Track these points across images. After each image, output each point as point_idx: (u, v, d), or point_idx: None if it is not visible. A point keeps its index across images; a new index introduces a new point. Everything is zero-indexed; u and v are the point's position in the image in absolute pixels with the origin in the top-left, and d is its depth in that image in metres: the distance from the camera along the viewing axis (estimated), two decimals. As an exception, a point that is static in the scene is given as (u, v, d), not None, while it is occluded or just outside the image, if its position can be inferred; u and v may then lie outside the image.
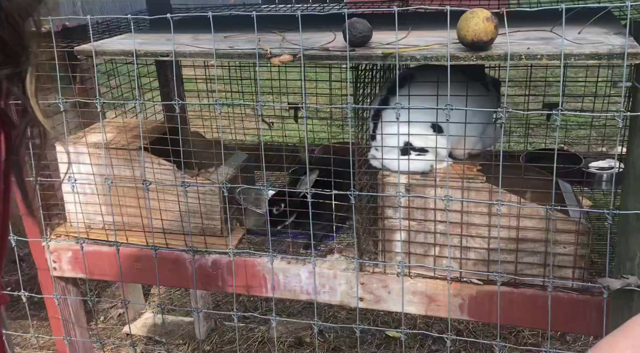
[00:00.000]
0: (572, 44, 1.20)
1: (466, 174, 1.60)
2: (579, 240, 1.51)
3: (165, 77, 2.62)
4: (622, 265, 1.31)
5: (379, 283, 1.72)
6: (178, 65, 2.52)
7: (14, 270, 3.40)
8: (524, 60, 1.19)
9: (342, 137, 2.67)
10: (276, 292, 1.83)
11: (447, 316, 1.70)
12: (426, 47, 1.28)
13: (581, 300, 1.56)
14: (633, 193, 1.24)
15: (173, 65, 2.01)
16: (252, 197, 1.96)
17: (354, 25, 1.30)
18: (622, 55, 1.12)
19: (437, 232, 1.61)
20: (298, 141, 3.00)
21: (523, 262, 1.58)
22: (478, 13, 1.18)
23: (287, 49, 1.38)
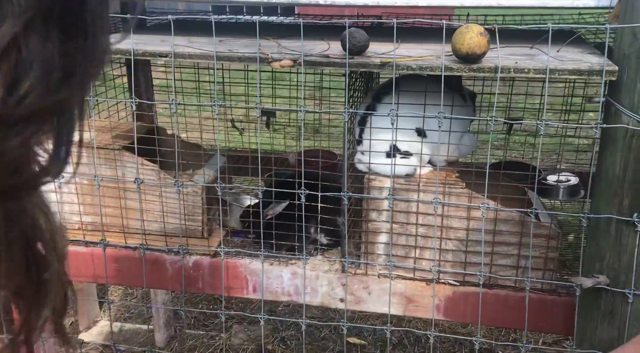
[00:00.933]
0: (555, 60, 1.32)
1: (447, 179, 1.69)
2: (549, 243, 1.62)
3: (137, 80, 2.61)
4: (592, 266, 1.42)
5: (360, 284, 1.78)
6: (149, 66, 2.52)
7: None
8: (512, 74, 1.29)
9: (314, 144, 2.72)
10: (257, 293, 1.86)
11: (425, 316, 1.78)
12: (421, 57, 1.37)
13: (550, 300, 1.67)
14: (605, 198, 1.36)
15: (173, 66, 2.02)
16: (234, 196, 1.98)
17: (353, 35, 1.37)
18: (600, 72, 1.24)
19: (419, 234, 1.69)
20: (270, 149, 3.04)
21: (497, 264, 1.68)
22: (473, 28, 1.27)
23: (286, 54, 1.43)
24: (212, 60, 1.42)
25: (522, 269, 1.67)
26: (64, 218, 1.94)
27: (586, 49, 1.46)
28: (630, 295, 1.35)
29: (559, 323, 1.67)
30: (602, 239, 1.38)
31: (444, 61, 1.32)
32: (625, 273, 1.36)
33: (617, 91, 1.29)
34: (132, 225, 1.91)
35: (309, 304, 1.87)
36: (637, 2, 1.22)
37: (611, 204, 1.34)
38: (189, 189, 1.87)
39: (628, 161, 1.29)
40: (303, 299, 1.73)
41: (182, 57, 1.46)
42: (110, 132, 1.95)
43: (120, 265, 1.88)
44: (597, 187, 1.39)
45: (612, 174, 1.33)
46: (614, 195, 1.33)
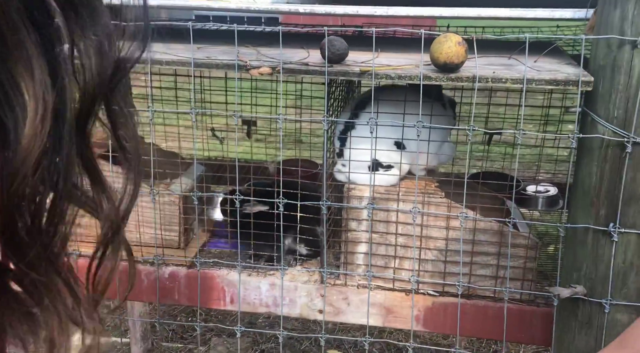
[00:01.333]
0: (532, 70, 1.32)
1: (426, 189, 1.69)
2: (527, 253, 1.63)
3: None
4: (569, 276, 1.42)
5: (339, 295, 1.76)
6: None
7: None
8: (490, 83, 1.29)
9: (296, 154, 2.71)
10: (234, 305, 1.83)
11: (404, 327, 1.77)
12: (400, 66, 1.37)
13: (528, 310, 1.67)
14: (581, 208, 1.36)
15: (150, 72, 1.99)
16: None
17: (333, 43, 1.37)
18: (577, 82, 1.25)
19: (398, 244, 1.68)
20: (251, 158, 3.02)
21: (476, 274, 1.68)
22: (451, 37, 1.27)
23: (265, 61, 1.42)
24: (190, 67, 1.41)
25: (501, 279, 1.67)
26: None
27: (563, 60, 1.47)
28: (607, 305, 1.36)
29: (538, 333, 1.67)
30: (579, 249, 1.38)
31: (423, 70, 1.32)
32: (602, 283, 1.36)
33: (593, 102, 1.30)
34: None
35: (287, 316, 1.85)
36: (612, 14, 1.23)
37: (588, 214, 1.35)
38: (165, 199, 1.84)
39: (604, 171, 1.30)
40: (281, 311, 1.71)
41: (159, 64, 1.44)
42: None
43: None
44: (574, 197, 1.40)
45: (588, 184, 1.33)
46: (591, 205, 1.33)
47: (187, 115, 1.68)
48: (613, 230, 1.31)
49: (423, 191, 1.66)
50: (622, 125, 1.25)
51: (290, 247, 1.86)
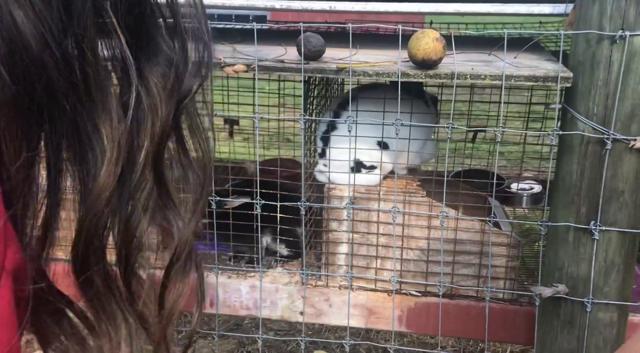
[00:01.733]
0: (511, 66, 1.30)
1: (407, 188, 1.66)
2: (510, 252, 1.61)
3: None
4: (551, 275, 1.40)
5: (321, 297, 1.73)
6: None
7: None
8: (469, 80, 1.27)
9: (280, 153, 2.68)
10: (213, 308, 1.79)
11: (387, 328, 1.74)
12: (378, 63, 1.34)
13: (512, 310, 1.65)
14: (562, 206, 1.34)
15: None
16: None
17: (309, 40, 1.34)
18: (556, 78, 1.23)
19: (380, 244, 1.65)
20: (232, 158, 2.98)
21: (458, 273, 1.66)
22: (428, 33, 1.25)
23: (240, 59, 1.39)
24: (163, 65, 1.37)
25: (484, 279, 1.65)
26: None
27: (543, 56, 1.45)
28: (589, 304, 1.34)
29: (521, 333, 1.65)
30: (560, 248, 1.36)
31: (401, 67, 1.30)
32: (584, 282, 1.34)
33: (573, 98, 1.28)
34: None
35: (268, 318, 1.82)
36: (590, 9, 1.21)
37: (569, 212, 1.33)
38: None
39: (584, 168, 1.28)
40: (260, 313, 1.68)
41: (131, 62, 1.40)
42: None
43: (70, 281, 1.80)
44: (555, 195, 1.38)
45: (569, 181, 1.32)
46: (571, 203, 1.32)
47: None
48: (594, 228, 1.29)
49: (404, 190, 1.63)
50: (602, 121, 1.23)
51: (270, 247, 1.83)
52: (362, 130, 1.53)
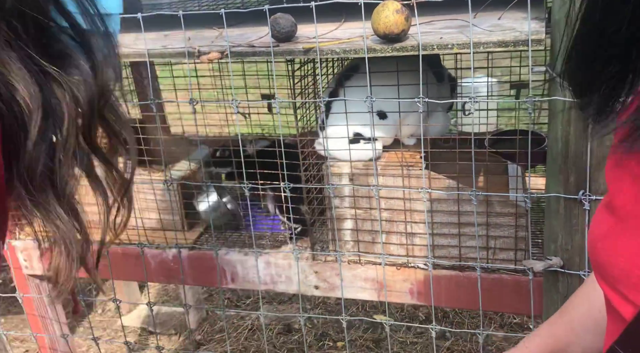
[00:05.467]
0: (484, 32, 1.22)
1: (407, 161, 1.63)
2: (517, 222, 1.53)
3: (139, 75, 2.67)
4: (548, 247, 1.33)
5: (332, 271, 1.76)
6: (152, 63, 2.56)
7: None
8: (437, 50, 1.21)
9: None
10: (236, 283, 1.88)
11: (399, 301, 1.74)
12: (347, 40, 1.31)
13: (524, 281, 1.58)
14: (551, 176, 1.26)
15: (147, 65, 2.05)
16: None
17: (277, 21, 1.33)
18: (527, 42, 1.14)
19: (383, 219, 1.64)
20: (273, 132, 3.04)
21: (466, 245, 1.61)
22: (388, 5, 1.19)
23: (216, 46, 1.41)
24: (145, 59, 1.43)
25: (492, 250, 1.59)
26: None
27: (534, 14, 1.34)
28: (585, 277, 1.26)
29: (535, 305, 1.58)
30: (553, 219, 1.28)
31: (368, 42, 1.26)
32: (579, 255, 1.26)
33: (554, 60, 1.18)
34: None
35: (285, 292, 1.88)
36: (561, -39, 1.10)
37: (558, 182, 1.24)
38: (162, 184, 1.90)
39: (569, 135, 1.19)
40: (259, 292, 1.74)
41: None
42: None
43: (106, 260, 1.96)
44: (547, 164, 1.30)
45: (556, 149, 1.23)
46: (559, 172, 1.23)
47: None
48: (583, 198, 1.20)
49: (402, 163, 1.60)
50: (582, 84, 1.12)
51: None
52: (361, 104, 1.50)
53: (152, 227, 1.96)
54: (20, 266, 2.05)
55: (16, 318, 3.52)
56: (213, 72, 2.37)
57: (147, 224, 1.94)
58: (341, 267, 1.63)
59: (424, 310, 3.35)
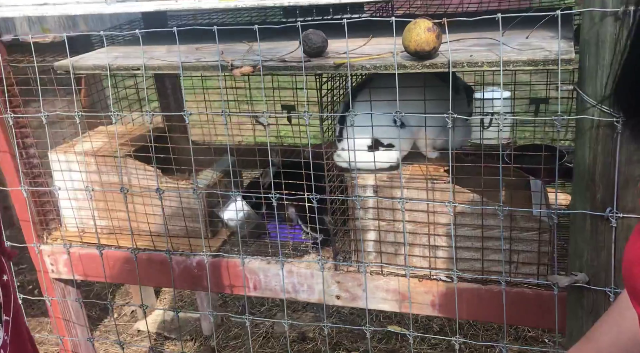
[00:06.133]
0: (514, 50, 1.24)
1: (432, 174, 1.65)
2: (540, 237, 1.55)
3: (163, 85, 2.72)
4: (572, 263, 1.34)
5: (354, 282, 1.78)
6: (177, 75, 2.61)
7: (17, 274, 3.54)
8: (466, 68, 1.23)
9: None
10: (257, 291, 1.91)
11: (420, 313, 1.76)
12: (377, 56, 1.34)
13: (546, 296, 1.60)
14: (579, 193, 1.28)
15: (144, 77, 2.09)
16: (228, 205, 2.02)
17: (309, 37, 1.36)
18: (556, 61, 1.16)
19: (406, 231, 1.66)
20: (293, 141, 3.07)
21: (489, 259, 1.63)
22: (420, 24, 1.22)
23: (248, 60, 1.44)
24: (179, 71, 1.47)
25: (515, 264, 1.61)
26: (82, 222, 2.08)
27: (562, 34, 1.36)
28: (612, 294, 1.27)
29: (558, 320, 1.59)
30: (579, 235, 1.30)
31: (398, 59, 1.28)
32: (605, 271, 1.27)
33: (582, 79, 1.20)
34: (141, 227, 2.01)
35: (307, 301, 1.90)
36: (593, -17, 1.12)
37: (585, 198, 1.26)
38: (190, 192, 1.94)
39: (597, 153, 1.20)
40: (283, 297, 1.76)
41: (152, 70, 1.51)
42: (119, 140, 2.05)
43: (131, 266, 1.99)
44: (573, 181, 1.31)
45: (583, 166, 1.24)
46: (586, 189, 1.25)
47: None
48: (610, 215, 1.22)
49: (427, 177, 1.62)
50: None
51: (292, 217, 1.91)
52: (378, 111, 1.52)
53: (176, 234, 1.99)
54: (46, 270, 2.09)
55: (34, 321, 3.56)
56: (225, 83, 2.42)
57: (172, 231, 1.97)
58: (365, 278, 1.65)
59: (437, 321, 3.35)
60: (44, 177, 2.03)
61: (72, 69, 1.58)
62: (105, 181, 1.97)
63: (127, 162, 1.95)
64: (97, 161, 1.94)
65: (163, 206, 1.89)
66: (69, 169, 1.97)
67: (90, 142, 1.97)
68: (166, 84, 2.73)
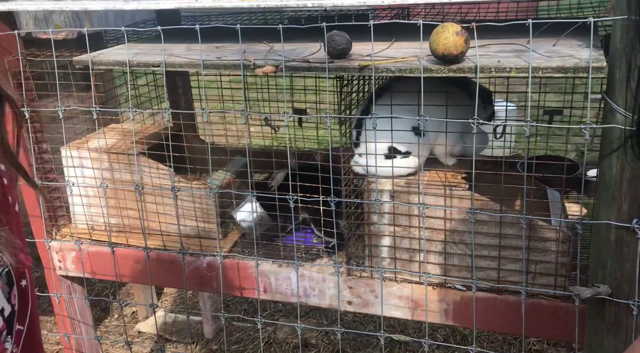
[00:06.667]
0: (542, 57, 1.23)
1: (450, 181, 1.63)
2: (559, 248, 1.53)
3: (174, 84, 2.71)
4: (594, 274, 1.32)
5: (367, 288, 1.76)
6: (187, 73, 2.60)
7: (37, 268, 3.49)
8: (494, 73, 1.22)
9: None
10: (267, 294, 1.88)
11: (433, 321, 1.73)
12: (402, 59, 1.32)
13: (563, 307, 1.58)
14: (603, 203, 1.26)
15: (164, 74, 2.08)
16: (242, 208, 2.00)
17: (333, 38, 1.35)
18: (587, 69, 1.14)
19: (422, 238, 1.64)
20: (302, 145, 3.06)
21: (505, 269, 1.61)
22: (448, 27, 1.21)
23: (270, 60, 1.43)
24: (200, 68, 1.45)
25: (532, 274, 1.59)
26: (91, 219, 2.06)
27: (588, 41, 1.35)
28: (635, 307, 1.25)
29: (575, 331, 1.57)
30: (602, 246, 1.28)
31: (423, 63, 1.27)
32: (629, 283, 1.25)
33: (612, 88, 1.19)
34: (152, 226, 1.99)
35: (318, 306, 1.88)
36: (625, -8, 1.11)
37: (610, 209, 1.24)
38: (203, 192, 1.92)
39: (625, 163, 1.19)
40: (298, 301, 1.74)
41: (172, 67, 1.50)
42: (132, 137, 2.04)
43: (142, 265, 1.97)
44: (598, 191, 1.30)
45: (609, 176, 1.23)
46: (612, 200, 1.23)
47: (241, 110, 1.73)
48: (637, 227, 1.20)
49: (445, 183, 1.60)
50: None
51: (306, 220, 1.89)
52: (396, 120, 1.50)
53: (187, 234, 1.97)
54: (53, 267, 2.06)
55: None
56: (231, 84, 2.41)
57: (182, 231, 1.95)
58: (382, 284, 1.63)
59: (441, 331, 3.33)
60: (55, 173, 2.01)
61: (92, 64, 1.57)
62: (117, 179, 1.95)
63: (140, 160, 1.93)
64: (110, 158, 1.92)
65: (176, 206, 1.87)
66: (81, 165, 1.95)
67: (105, 139, 1.95)
68: (177, 83, 2.72)
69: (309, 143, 2.94)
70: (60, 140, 1.97)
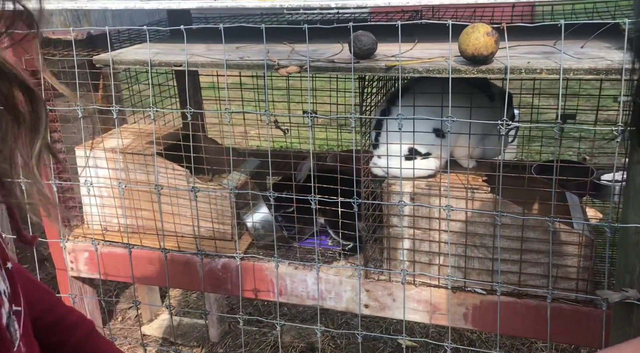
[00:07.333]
0: (572, 58, 1.22)
1: (471, 183, 1.62)
2: (582, 252, 1.52)
3: (183, 85, 2.69)
4: (621, 278, 1.31)
5: (384, 291, 1.74)
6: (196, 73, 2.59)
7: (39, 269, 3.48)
8: (524, 74, 1.21)
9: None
10: (283, 297, 1.87)
11: (453, 325, 1.72)
12: (429, 59, 1.31)
13: (585, 312, 1.56)
14: (632, 207, 1.25)
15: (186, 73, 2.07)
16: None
17: (359, 38, 1.34)
18: (619, 71, 1.14)
19: (442, 241, 1.63)
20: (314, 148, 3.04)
21: (527, 272, 1.59)
22: (479, 28, 1.20)
23: (294, 60, 1.42)
24: (223, 68, 1.44)
25: (554, 278, 1.57)
26: (104, 220, 2.04)
27: (616, 44, 1.34)
28: (663, 312, 1.24)
29: (595, 336, 1.56)
30: (630, 250, 1.27)
31: (452, 63, 1.26)
32: (657, 288, 1.24)
33: (643, 90, 1.18)
34: (166, 227, 1.97)
35: (334, 309, 1.86)
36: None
37: (639, 213, 1.23)
38: (218, 193, 1.90)
39: (655, 167, 1.18)
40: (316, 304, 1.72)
41: (195, 66, 1.48)
42: (147, 138, 2.02)
43: (155, 267, 1.95)
44: (626, 194, 1.28)
45: (639, 181, 1.22)
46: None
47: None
48: (667, 231, 1.19)
49: (467, 186, 1.59)
50: (674, 116, 1.12)
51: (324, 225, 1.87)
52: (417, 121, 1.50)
53: (202, 235, 1.95)
54: (65, 268, 2.04)
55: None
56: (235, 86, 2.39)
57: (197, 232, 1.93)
58: (404, 287, 1.62)
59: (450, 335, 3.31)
60: (68, 173, 2.00)
61: (112, 63, 1.55)
62: (131, 179, 1.93)
63: (156, 161, 1.92)
64: (125, 158, 1.90)
65: (195, 207, 1.86)
66: (95, 165, 1.93)
67: (121, 139, 1.94)
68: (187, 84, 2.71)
69: (320, 145, 2.94)
70: (73, 140, 1.95)
